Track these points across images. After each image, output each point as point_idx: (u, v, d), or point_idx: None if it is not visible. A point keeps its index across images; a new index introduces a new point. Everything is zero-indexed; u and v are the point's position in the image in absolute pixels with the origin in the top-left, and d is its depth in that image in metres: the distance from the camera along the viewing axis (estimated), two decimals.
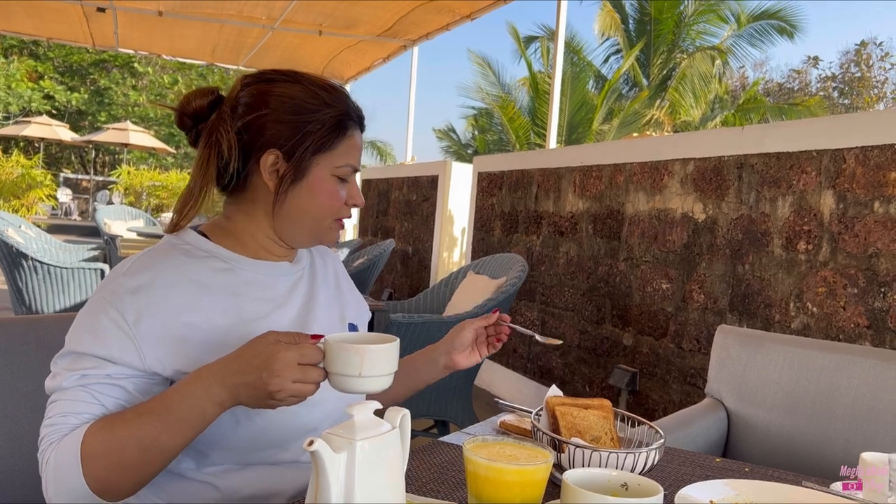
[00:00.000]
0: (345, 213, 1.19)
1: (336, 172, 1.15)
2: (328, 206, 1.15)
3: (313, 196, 1.14)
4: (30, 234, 5.33)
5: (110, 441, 0.95)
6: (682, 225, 3.38)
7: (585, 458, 1.02)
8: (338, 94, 1.17)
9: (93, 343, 1.01)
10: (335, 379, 0.94)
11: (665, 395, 3.43)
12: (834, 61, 37.73)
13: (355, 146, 1.17)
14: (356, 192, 1.19)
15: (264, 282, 1.16)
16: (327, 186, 1.14)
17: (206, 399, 0.94)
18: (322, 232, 1.18)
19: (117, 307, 1.03)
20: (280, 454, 1.12)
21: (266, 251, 1.18)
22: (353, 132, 1.17)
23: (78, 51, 23.90)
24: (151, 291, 1.05)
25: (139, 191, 17.77)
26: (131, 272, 1.07)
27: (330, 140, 1.13)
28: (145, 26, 7.85)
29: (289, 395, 0.92)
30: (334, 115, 1.14)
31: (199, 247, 1.14)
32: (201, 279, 1.10)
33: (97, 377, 1.01)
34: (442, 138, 19.77)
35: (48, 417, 1.01)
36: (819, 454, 1.74)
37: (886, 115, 2.66)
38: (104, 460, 0.95)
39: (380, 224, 7.64)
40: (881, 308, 2.47)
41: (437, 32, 7.15)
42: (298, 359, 0.91)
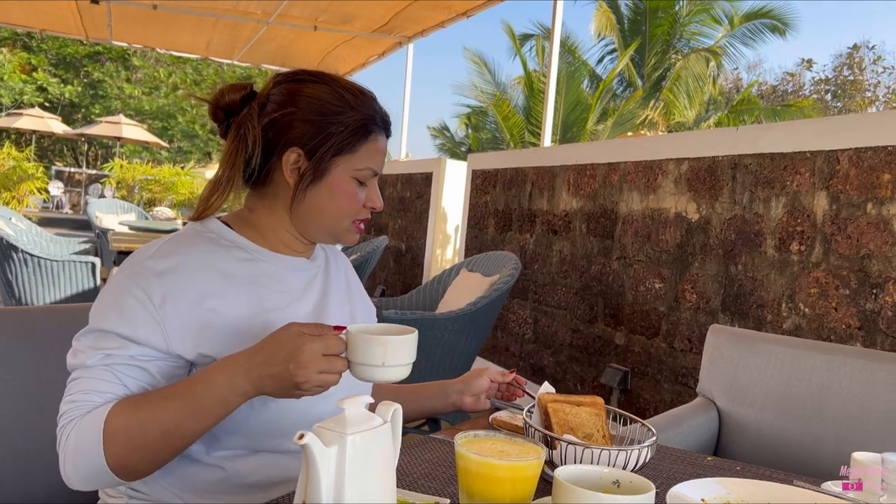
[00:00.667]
0: (363, 216, 1.21)
1: (356, 175, 1.17)
2: (346, 208, 1.18)
3: (332, 196, 1.16)
4: (20, 226, 5.31)
5: (133, 422, 0.98)
6: (675, 225, 3.39)
7: (577, 455, 1.02)
8: (364, 98, 1.18)
9: (118, 321, 1.03)
10: (358, 369, 0.97)
11: (656, 395, 3.44)
12: (827, 64, 37.85)
13: (378, 150, 1.19)
14: (375, 195, 1.20)
15: (283, 275, 1.19)
16: (346, 188, 1.16)
17: (230, 389, 0.97)
18: (340, 232, 1.21)
19: (144, 288, 1.05)
20: (289, 443, 1.12)
21: (285, 245, 1.21)
22: (377, 136, 1.18)
23: (71, 43, 23.76)
24: (177, 275, 1.07)
25: (132, 185, 17.69)
26: (157, 255, 1.09)
27: (352, 143, 1.15)
28: (139, 19, 7.81)
29: (314, 385, 0.95)
30: (358, 119, 1.16)
31: (224, 236, 1.17)
32: (225, 267, 1.13)
33: (121, 357, 1.03)
34: (436, 136, 19.77)
35: (70, 394, 1.03)
36: (810, 454, 1.75)
37: (880, 117, 2.67)
38: (125, 440, 0.97)
39: (373, 221, 7.63)
40: (872, 309, 2.48)
41: (432, 29, 7.14)
42: (324, 350, 0.94)
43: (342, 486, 0.78)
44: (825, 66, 34.46)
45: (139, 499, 1.12)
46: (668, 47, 17.81)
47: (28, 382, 1.31)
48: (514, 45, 17.40)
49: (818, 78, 27.33)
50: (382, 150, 1.20)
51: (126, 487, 1.13)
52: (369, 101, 1.19)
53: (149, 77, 26.29)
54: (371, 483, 0.81)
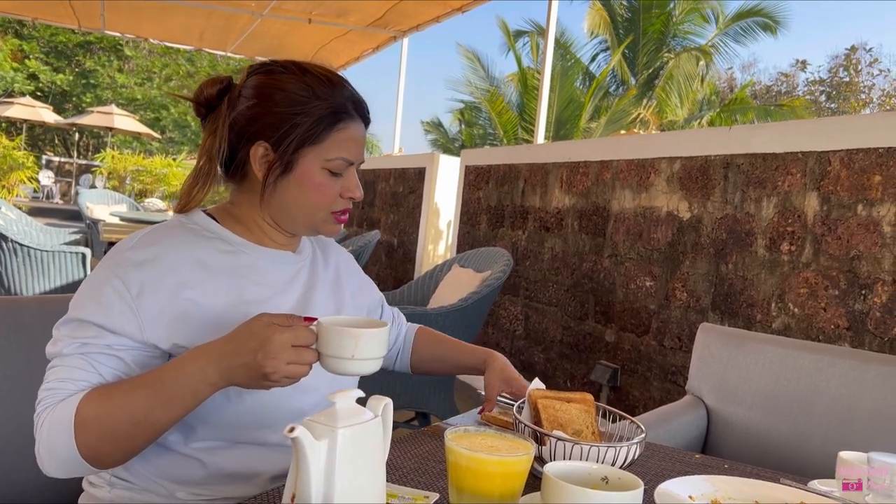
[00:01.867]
0: (340, 206, 1.18)
1: (327, 166, 1.14)
2: (317, 200, 1.15)
3: (301, 189, 1.15)
4: (10, 216, 5.28)
5: (103, 411, 0.97)
6: (667, 223, 3.40)
7: (567, 451, 1.03)
8: (331, 85, 1.15)
9: (95, 311, 1.04)
10: (328, 361, 0.95)
11: (646, 392, 3.45)
12: (823, 65, 38.01)
13: (349, 139, 1.15)
14: (353, 184, 1.17)
15: (266, 268, 1.18)
16: (316, 180, 1.14)
17: (200, 379, 0.96)
18: (317, 224, 1.19)
19: (122, 278, 1.05)
20: (268, 435, 1.13)
21: (269, 238, 1.21)
22: (347, 124, 1.15)
23: (64, 32, 23.60)
24: (156, 266, 1.07)
25: (123, 175, 17.61)
26: (138, 246, 1.09)
27: (318, 133, 1.13)
28: (133, 9, 7.76)
29: (283, 376, 0.93)
30: (324, 108, 1.13)
31: (207, 228, 1.17)
32: (205, 259, 1.12)
33: (97, 346, 1.03)
34: (430, 131, 19.76)
35: (46, 382, 1.03)
36: (797, 452, 1.76)
37: (872, 119, 2.68)
38: (96, 429, 0.97)
39: (365, 215, 7.62)
40: (861, 310, 2.49)
41: (427, 24, 7.13)
42: (293, 341, 0.93)
43: (332, 480, 0.78)
44: (820, 67, 34.59)
45: (122, 487, 1.12)
46: (660, 46, 17.84)
47: (17, 373, 1.31)
48: (508, 41, 17.40)
49: (813, 79, 27.43)
50: (355, 137, 1.16)
51: (110, 476, 1.13)
52: (337, 88, 1.16)
53: (141, 67, 26.15)
54: (361, 477, 0.81)
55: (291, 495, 0.79)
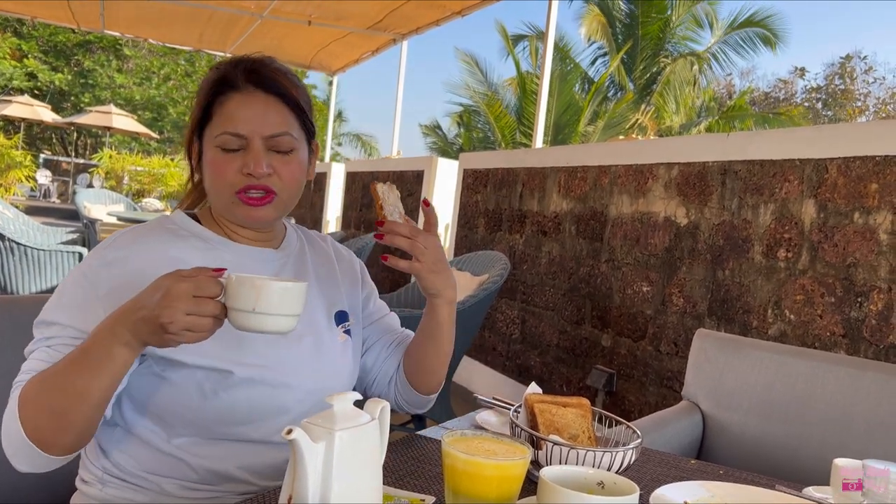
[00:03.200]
0: (241, 184, 1.11)
1: (217, 143, 1.11)
2: (215, 180, 1.13)
3: (207, 173, 1.14)
4: (7, 214, 5.27)
5: (38, 388, 0.97)
6: (664, 229, 3.40)
7: (563, 456, 1.03)
8: (229, 62, 1.15)
9: (62, 312, 1.05)
10: (232, 315, 0.91)
11: (641, 397, 3.45)
12: (819, 73, 38.14)
13: (232, 111, 1.11)
14: (251, 158, 1.10)
15: (245, 265, 1.16)
16: (210, 158, 1.13)
17: (113, 339, 0.93)
18: (226, 210, 1.15)
19: (90, 279, 1.06)
20: (250, 432, 1.12)
21: (238, 234, 1.20)
22: (228, 96, 1.12)
23: (63, 31, 23.59)
24: (125, 265, 1.08)
25: (120, 175, 17.59)
26: (113, 246, 1.10)
27: (205, 112, 1.13)
28: (132, 9, 7.76)
29: (182, 328, 0.89)
30: (207, 84, 1.14)
31: (185, 227, 1.17)
32: (181, 256, 1.12)
33: (62, 339, 1.03)
34: (428, 134, 19.78)
35: (17, 378, 1.03)
36: (792, 459, 1.76)
37: (869, 127, 2.69)
38: (34, 406, 0.97)
39: (363, 217, 7.62)
40: (857, 318, 2.50)
41: (426, 27, 7.14)
42: (193, 291, 0.89)
43: (329, 482, 0.78)
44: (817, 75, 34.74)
45: (114, 485, 1.12)
46: (658, 51, 17.89)
47: (14, 370, 1.30)
48: (507, 45, 17.43)
49: (810, 86, 27.53)
50: (242, 109, 1.11)
51: (102, 473, 1.13)
52: (232, 62, 1.14)
53: (140, 67, 26.13)
54: (358, 479, 0.81)
55: (288, 496, 0.79)
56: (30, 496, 1.32)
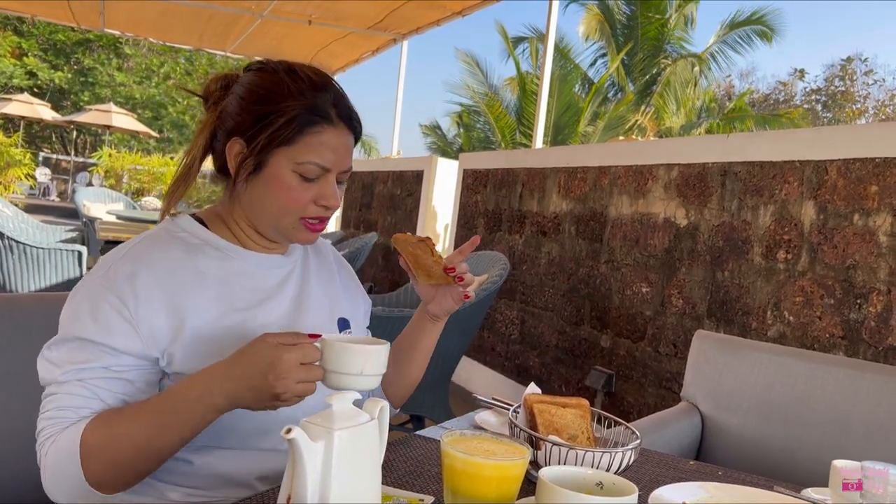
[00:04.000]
0: (312, 213, 1.12)
1: (298, 169, 1.09)
2: (285, 203, 1.11)
3: (269, 190, 1.11)
4: (7, 212, 5.26)
5: (107, 438, 0.97)
6: (664, 229, 3.40)
7: (562, 456, 1.03)
8: (313, 86, 1.11)
9: (96, 330, 1.02)
10: (334, 377, 0.95)
11: (640, 398, 3.45)
12: (819, 75, 38.18)
13: (324, 144, 1.10)
14: (329, 192, 1.11)
15: (256, 273, 1.16)
16: (285, 181, 1.10)
17: (206, 404, 0.96)
18: (285, 230, 1.14)
19: (117, 294, 1.04)
20: (260, 442, 1.12)
21: (253, 241, 1.19)
22: (323, 128, 1.10)
23: (63, 29, 23.58)
24: (148, 277, 1.06)
25: (120, 174, 17.59)
26: (128, 258, 1.08)
27: (290, 134, 1.09)
28: (132, 8, 7.76)
29: (293, 395, 0.93)
30: (299, 107, 1.09)
31: (195, 234, 1.16)
32: (196, 266, 1.11)
33: (95, 371, 1.01)
34: (428, 134, 19.77)
35: (46, 411, 1.01)
36: (791, 460, 1.76)
37: (869, 129, 2.69)
38: (100, 457, 0.97)
39: (363, 217, 7.62)
40: (856, 319, 2.50)
41: (427, 27, 7.14)
42: (301, 358, 0.92)
43: (328, 482, 0.78)
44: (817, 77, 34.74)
45: None
46: (657, 52, 17.90)
47: (13, 370, 1.31)
48: (507, 46, 17.43)
49: (810, 88, 27.57)
50: (332, 143, 1.11)
51: None
52: (319, 90, 1.11)
53: (140, 66, 26.13)
54: (357, 479, 0.81)
55: (287, 496, 0.79)
56: (29, 496, 1.32)
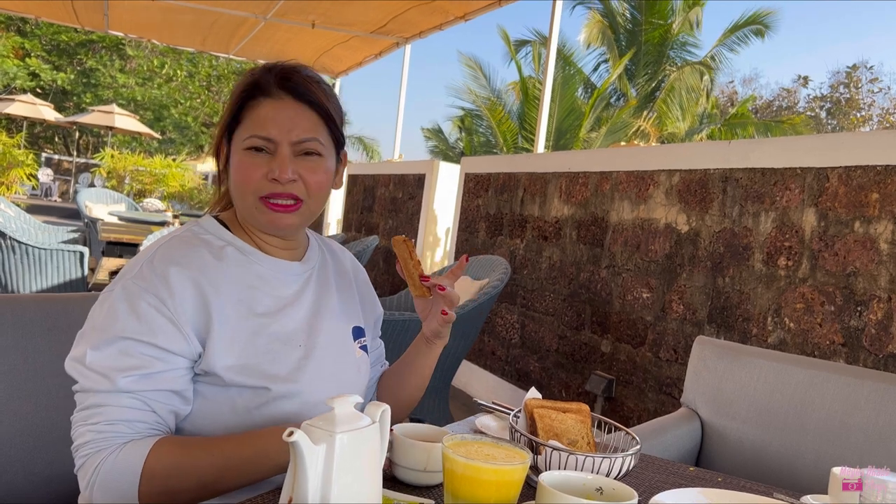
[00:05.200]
0: (267, 190, 1.11)
1: (244, 145, 1.11)
2: (241, 184, 1.12)
3: (232, 176, 1.14)
4: (9, 212, 5.27)
5: (174, 467, 0.98)
6: (665, 235, 3.41)
7: (562, 461, 1.03)
8: (263, 68, 1.15)
9: (140, 329, 1.02)
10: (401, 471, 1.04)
11: (640, 404, 3.45)
12: (824, 82, 38.21)
13: (262, 115, 1.11)
14: (277, 163, 1.10)
15: (275, 278, 1.17)
16: (237, 161, 1.12)
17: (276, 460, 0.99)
18: (253, 214, 1.14)
19: (154, 293, 1.04)
20: None
21: (266, 243, 1.19)
22: (259, 101, 1.12)
23: (66, 30, 23.61)
24: (180, 276, 1.06)
25: (122, 175, 17.58)
26: (158, 258, 1.08)
27: (235, 114, 1.13)
28: (136, 10, 7.78)
29: None
30: (239, 88, 1.14)
31: (219, 236, 1.16)
32: (221, 267, 1.11)
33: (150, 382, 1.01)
34: (430, 138, 19.78)
35: (94, 423, 1.00)
36: (790, 467, 1.76)
37: (870, 136, 2.70)
38: (163, 484, 0.97)
39: (364, 220, 7.63)
40: (857, 326, 2.50)
41: (430, 31, 7.16)
42: None
43: (329, 484, 0.78)
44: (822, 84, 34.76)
45: None
46: (660, 58, 17.91)
47: (16, 370, 1.31)
48: (510, 50, 17.45)
49: (814, 95, 27.60)
50: (271, 114, 1.11)
51: None
52: (266, 68, 1.15)
53: (142, 67, 26.16)
54: (358, 482, 0.81)
55: (289, 498, 0.79)
56: (32, 496, 1.32)
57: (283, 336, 1.13)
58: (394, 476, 1.06)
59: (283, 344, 1.12)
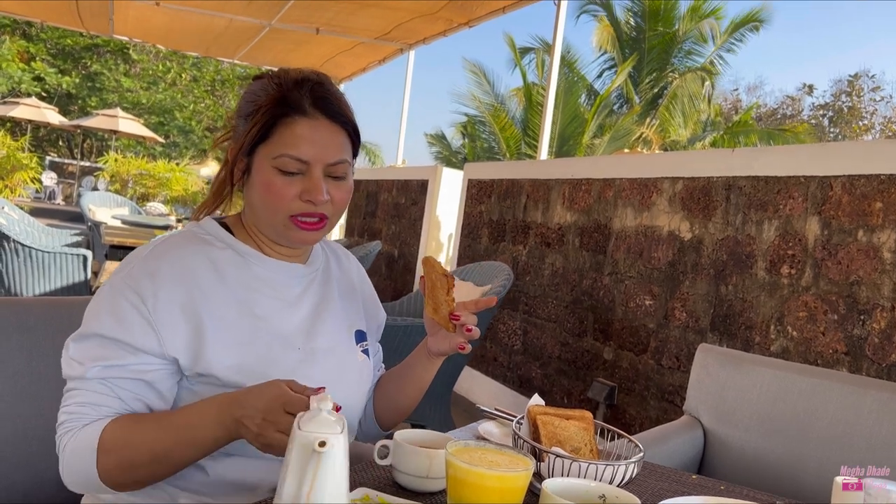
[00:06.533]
0: (298, 209, 1.10)
1: (275, 164, 1.09)
2: (270, 201, 1.10)
3: (257, 191, 1.12)
4: (13, 215, 5.28)
5: (125, 443, 0.99)
6: (668, 243, 3.41)
7: (565, 468, 1.03)
8: (290, 81, 1.11)
9: (114, 326, 1.04)
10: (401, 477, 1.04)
11: (642, 411, 3.45)
12: (827, 90, 38.25)
13: (297, 135, 1.08)
14: (313, 185, 1.09)
15: (277, 280, 1.17)
16: (265, 179, 1.10)
17: (219, 425, 0.98)
18: (279, 230, 1.14)
19: (136, 291, 1.05)
20: None
21: (270, 248, 1.19)
22: (295, 119, 1.09)
23: (71, 34, 23.67)
24: (170, 277, 1.07)
25: (126, 178, 17.61)
26: (151, 257, 1.09)
27: (264, 129, 1.09)
28: (141, 15, 7.80)
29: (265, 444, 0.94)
30: (269, 101, 1.10)
31: (219, 237, 1.17)
32: (218, 269, 1.12)
33: (118, 370, 1.04)
34: (433, 143, 19.80)
35: (67, 405, 1.04)
36: (792, 476, 1.76)
37: (874, 145, 2.70)
38: (116, 459, 0.99)
39: (367, 225, 7.63)
40: (860, 335, 2.50)
41: (434, 37, 7.18)
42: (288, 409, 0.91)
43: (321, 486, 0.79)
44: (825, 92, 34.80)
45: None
46: (664, 65, 17.94)
47: (18, 373, 1.31)
48: (514, 57, 17.47)
49: (818, 103, 27.62)
50: (307, 134, 1.09)
51: None
52: (296, 83, 1.11)
53: (147, 71, 26.22)
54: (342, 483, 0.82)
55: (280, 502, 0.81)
56: (35, 497, 1.32)
57: (281, 338, 1.13)
58: (396, 482, 1.06)
59: (281, 345, 1.13)
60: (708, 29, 18.11)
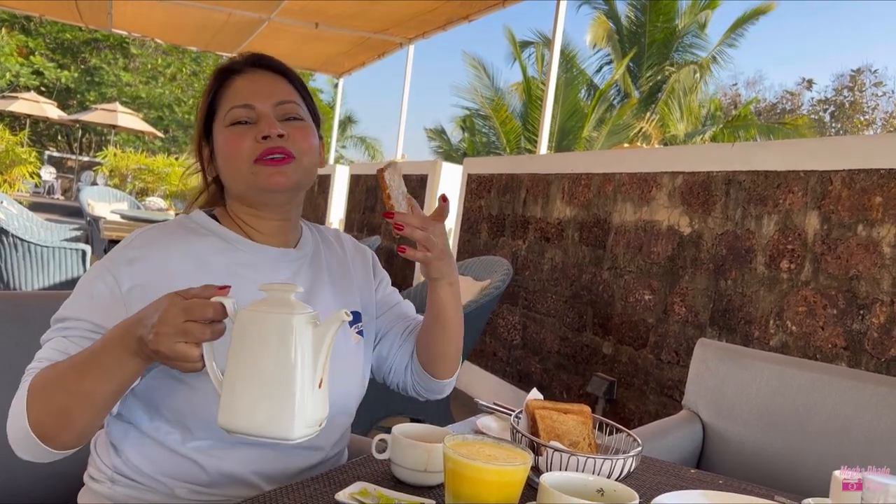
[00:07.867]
0: (258, 149, 1.11)
1: (226, 122, 1.15)
2: (232, 154, 1.14)
3: (220, 157, 1.16)
4: (11, 210, 5.28)
5: (45, 383, 0.97)
6: (667, 237, 3.40)
7: (563, 462, 1.03)
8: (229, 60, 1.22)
9: (87, 307, 1.05)
10: (398, 469, 1.04)
11: (641, 406, 3.45)
12: (829, 85, 38.21)
13: (236, 89, 1.16)
14: (265, 124, 1.12)
15: (265, 265, 1.17)
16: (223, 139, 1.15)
17: (123, 348, 0.92)
18: (249, 182, 1.13)
19: (113, 274, 1.07)
20: None
21: (258, 232, 1.19)
22: (232, 79, 1.17)
23: (70, 28, 23.66)
24: (148, 263, 1.08)
25: (125, 173, 17.61)
26: (134, 244, 1.11)
27: (213, 102, 1.18)
28: (140, 9, 7.79)
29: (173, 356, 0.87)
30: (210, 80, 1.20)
31: (204, 225, 1.18)
32: (201, 256, 1.13)
33: (79, 329, 1.04)
34: (433, 138, 19.80)
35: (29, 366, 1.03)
36: (791, 470, 1.76)
37: (874, 139, 2.69)
38: (40, 402, 0.96)
39: (366, 220, 7.63)
40: (859, 330, 2.50)
41: (433, 32, 7.17)
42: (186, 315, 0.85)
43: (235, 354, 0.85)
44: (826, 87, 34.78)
45: (124, 484, 1.12)
46: (663, 59, 17.93)
47: (17, 367, 1.31)
48: (514, 51, 17.46)
49: (818, 98, 27.60)
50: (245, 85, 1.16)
51: (111, 472, 1.13)
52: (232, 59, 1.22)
53: (146, 66, 26.19)
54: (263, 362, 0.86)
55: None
56: (33, 493, 1.32)
57: None
58: (394, 476, 1.06)
59: None
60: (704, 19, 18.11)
